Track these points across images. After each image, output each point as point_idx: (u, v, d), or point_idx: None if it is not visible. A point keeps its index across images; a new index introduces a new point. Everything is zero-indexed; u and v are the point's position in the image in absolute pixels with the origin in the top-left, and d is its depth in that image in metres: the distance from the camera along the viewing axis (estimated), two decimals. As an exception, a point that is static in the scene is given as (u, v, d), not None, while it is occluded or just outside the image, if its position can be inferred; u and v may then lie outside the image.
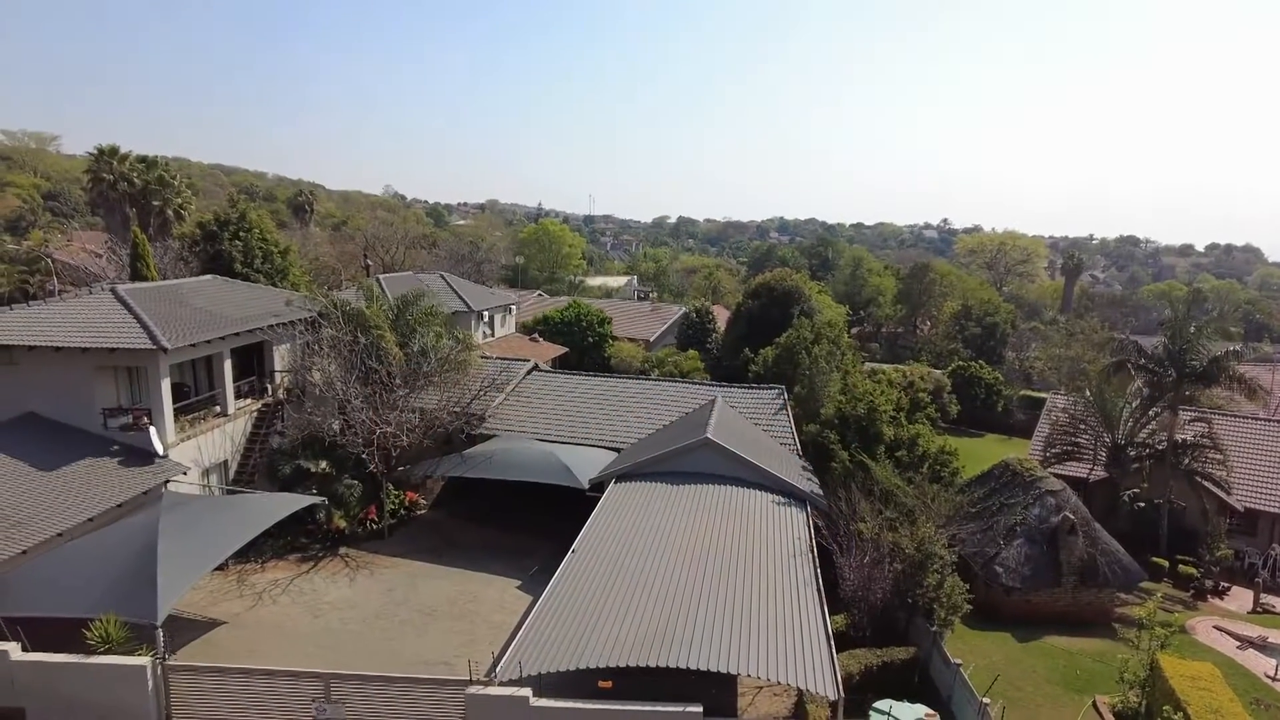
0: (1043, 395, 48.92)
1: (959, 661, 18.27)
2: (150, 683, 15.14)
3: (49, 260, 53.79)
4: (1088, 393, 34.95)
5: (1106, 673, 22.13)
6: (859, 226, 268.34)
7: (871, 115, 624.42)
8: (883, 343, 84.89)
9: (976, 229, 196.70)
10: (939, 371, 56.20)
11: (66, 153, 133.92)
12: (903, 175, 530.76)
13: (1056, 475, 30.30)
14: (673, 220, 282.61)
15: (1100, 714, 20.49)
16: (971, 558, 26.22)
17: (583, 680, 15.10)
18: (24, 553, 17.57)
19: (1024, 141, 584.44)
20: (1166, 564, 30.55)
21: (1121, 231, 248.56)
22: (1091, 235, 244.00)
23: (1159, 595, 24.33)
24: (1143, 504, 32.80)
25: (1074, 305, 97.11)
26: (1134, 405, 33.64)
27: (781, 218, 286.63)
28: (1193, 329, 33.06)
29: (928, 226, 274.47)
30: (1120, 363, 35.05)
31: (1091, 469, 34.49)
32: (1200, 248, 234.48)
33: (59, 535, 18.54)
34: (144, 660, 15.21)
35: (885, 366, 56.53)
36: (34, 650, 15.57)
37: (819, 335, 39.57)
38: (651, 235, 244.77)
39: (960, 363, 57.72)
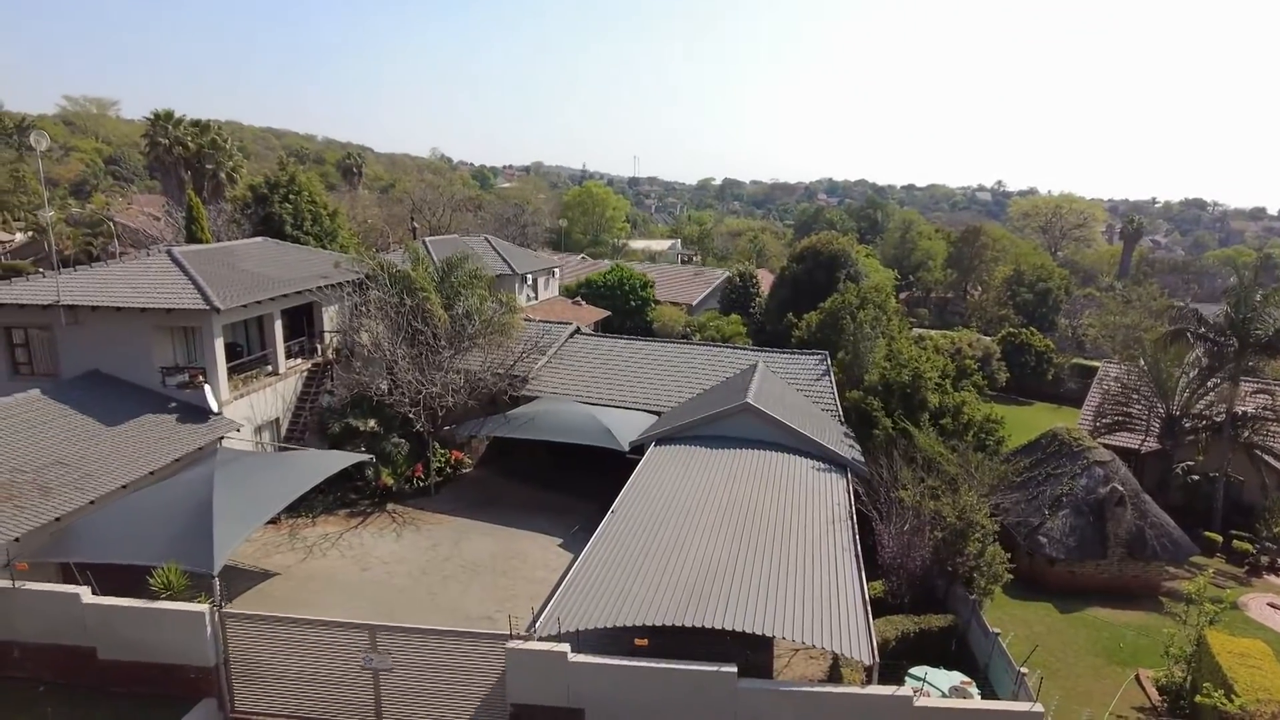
0: (1095, 364, 47.68)
1: (998, 630, 18.15)
2: (209, 629, 15.84)
3: (111, 223, 55.51)
4: (1142, 362, 33.97)
5: (1151, 647, 21.83)
6: (910, 188, 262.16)
7: (924, 71, 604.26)
8: (931, 308, 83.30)
9: (1032, 192, 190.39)
10: (988, 338, 55.07)
11: (125, 117, 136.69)
12: (957, 135, 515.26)
13: (1106, 446, 29.71)
14: (718, 182, 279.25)
15: (1143, 687, 20.27)
16: (1014, 527, 25.91)
17: (619, 638, 15.40)
18: (92, 503, 18.43)
19: (1084, 98, 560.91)
20: (1220, 539, 29.80)
21: (1187, 194, 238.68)
22: (1154, 198, 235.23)
23: (1210, 570, 23.83)
24: (1196, 477, 31.96)
25: (1132, 271, 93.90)
26: (1191, 375, 32.59)
27: (830, 179, 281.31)
28: (1259, 297, 31.73)
29: (981, 189, 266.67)
30: (1179, 331, 33.89)
31: (1143, 440, 33.65)
32: (1273, 211, 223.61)
33: (123, 487, 19.37)
34: (203, 607, 15.90)
35: (933, 333, 55.60)
36: (103, 594, 16.40)
37: (865, 300, 38.98)
38: (696, 198, 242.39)
39: (1010, 329, 56.46)
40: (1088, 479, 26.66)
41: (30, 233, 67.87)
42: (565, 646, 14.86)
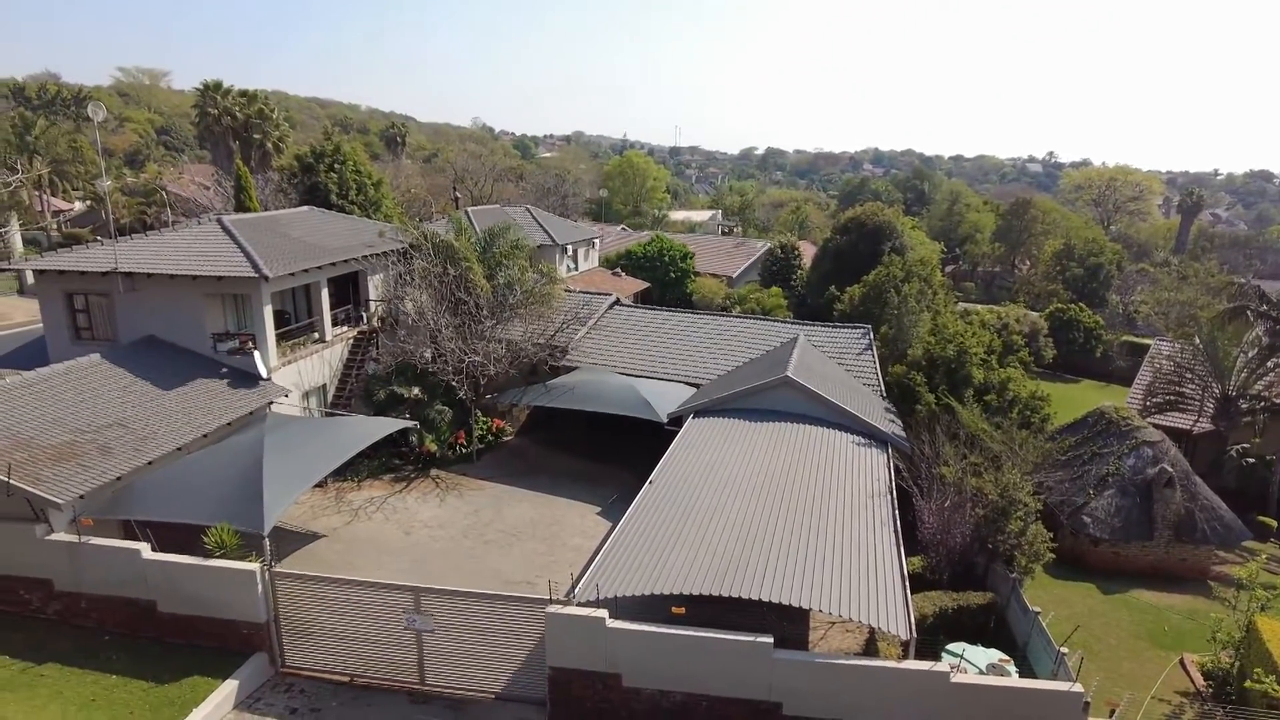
0: (1147, 341, 46.34)
1: (1038, 609, 17.99)
2: (260, 587, 16.41)
3: (163, 192, 56.81)
4: (1197, 340, 32.92)
5: (1197, 631, 21.44)
6: (958, 159, 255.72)
7: (974, 37, 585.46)
8: (978, 282, 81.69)
9: (1085, 163, 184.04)
10: (1036, 314, 53.90)
11: (176, 88, 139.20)
12: (1007, 104, 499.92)
13: (1156, 426, 29.01)
14: (761, 152, 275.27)
15: (1187, 672, 19.94)
16: (1058, 506, 25.52)
17: (656, 606, 15.60)
18: (150, 463, 19.11)
19: (1142, 65, 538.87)
20: (1275, 524, 29.00)
21: (1252, 165, 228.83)
22: (1216, 170, 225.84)
23: (1263, 556, 23.24)
24: (1252, 460, 31.05)
25: (1189, 246, 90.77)
26: (1250, 355, 31.54)
27: (876, 149, 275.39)
28: (1326, 273, 30.46)
29: (1031, 160, 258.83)
30: (1238, 309, 32.76)
31: (1196, 421, 32.74)
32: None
33: (178, 449, 20.04)
34: (254, 566, 16.46)
35: (979, 307, 54.53)
36: (161, 551, 17.07)
37: (910, 273, 38.34)
38: (738, 167, 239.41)
39: (1059, 305, 55.11)
40: (1135, 459, 26.11)
41: (88, 202, 69.87)
42: (603, 612, 15.10)
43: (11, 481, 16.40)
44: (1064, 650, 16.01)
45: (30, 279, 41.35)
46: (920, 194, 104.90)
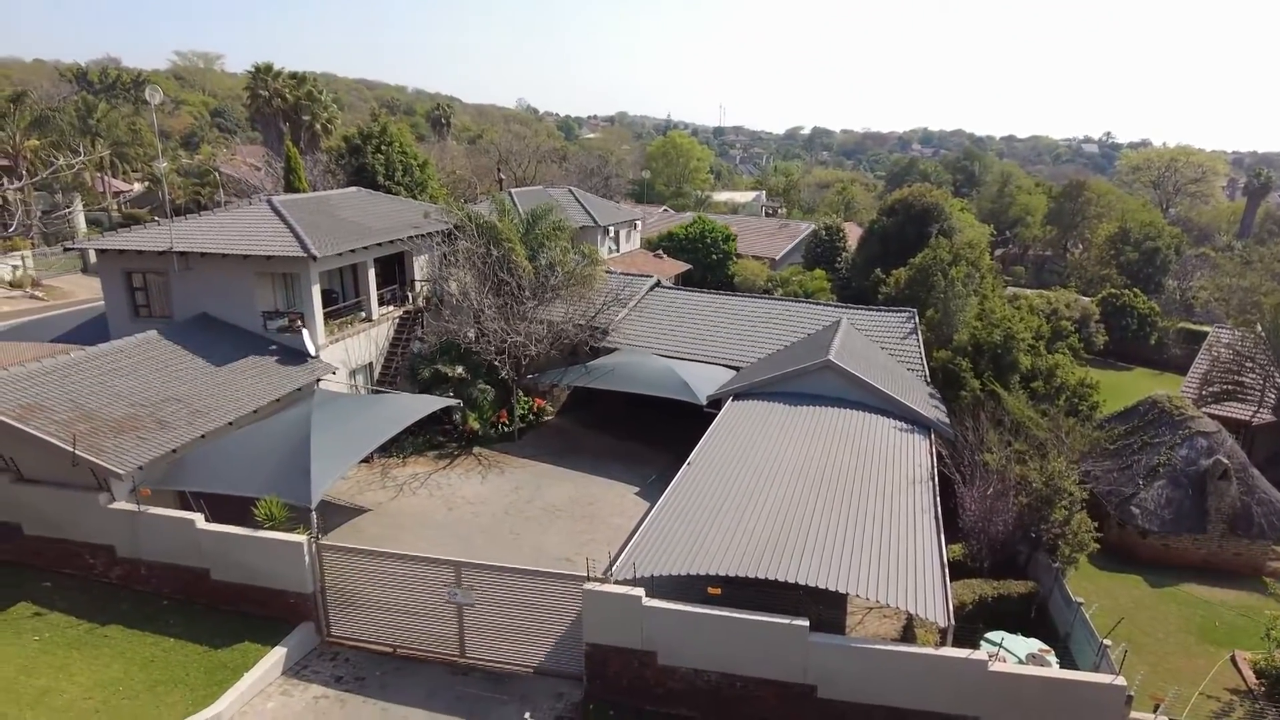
0: (1204, 329, 44.84)
1: (1081, 600, 17.67)
2: (307, 558, 16.92)
3: (217, 173, 58.20)
4: (1259, 327, 31.74)
5: (1251, 628, 20.86)
6: (1010, 139, 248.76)
7: (1027, 12, 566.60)
8: (1028, 266, 79.70)
9: (1144, 144, 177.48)
10: (1087, 299, 52.47)
11: (229, 71, 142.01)
12: (1062, 83, 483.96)
13: (1212, 416, 28.09)
14: (807, 131, 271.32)
15: (1239, 669, 19.43)
16: (1105, 496, 24.98)
17: (692, 586, 15.71)
18: (203, 437, 19.77)
19: (1207, 41, 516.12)
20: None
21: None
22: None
23: (1322, 551, 22.52)
24: (1315, 452, 29.96)
25: (1255, 230, 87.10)
26: (1316, 343, 30.35)
27: (925, 129, 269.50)
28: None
29: (1088, 140, 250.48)
30: (1305, 295, 31.46)
31: (1256, 411, 31.64)
32: None
33: (230, 424, 20.68)
34: (301, 538, 16.95)
35: (1028, 292, 53.32)
36: (214, 521, 17.68)
37: (957, 256, 37.59)
38: (783, 147, 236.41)
39: (1112, 290, 53.53)
40: (1189, 449, 25.37)
41: (146, 183, 71.92)
42: (640, 591, 15.26)
43: (77, 452, 17.13)
44: (1107, 642, 15.74)
45: (93, 258, 42.84)
46: (970, 175, 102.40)
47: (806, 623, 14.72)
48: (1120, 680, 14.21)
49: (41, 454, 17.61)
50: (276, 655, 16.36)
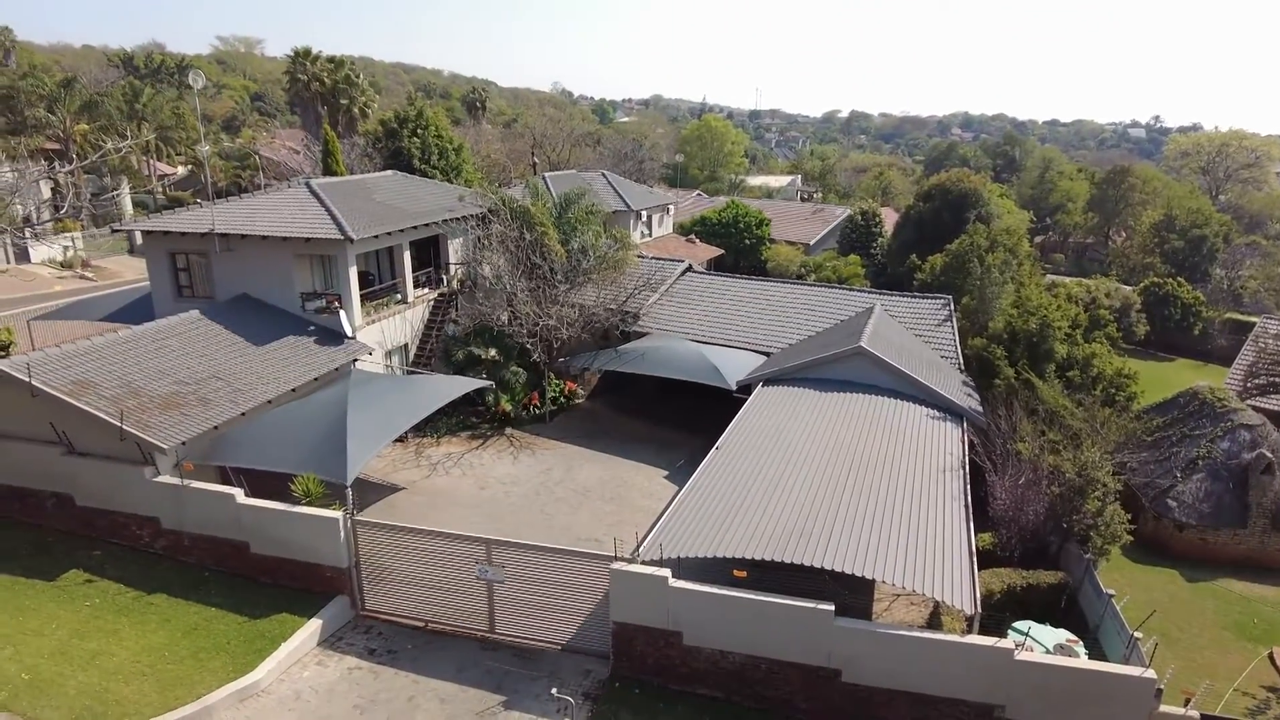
0: (1253, 319, 43.65)
1: (1112, 592, 17.48)
2: (342, 533, 17.35)
3: (257, 156, 59.20)
4: (1310, 318, 30.88)
5: (1290, 624, 20.51)
6: (1053, 124, 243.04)
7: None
8: (1068, 254, 78.18)
9: (1195, 128, 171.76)
10: (1128, 288, 51.37)
11: (269, 55, 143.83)
12: (1108, 65, 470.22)
13: (1256, 409, 27.45)
14: (844, 115, 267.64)
15: (1276, 666, 19.11)
16: (1141, 488, 24.60)
17: (718, 569, 15.85)
18: (243, 414, 20.30)
19: (1263, 16, 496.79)
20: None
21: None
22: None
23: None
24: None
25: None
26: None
27: (965, 113, 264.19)
28: None
29: (1134, 124, 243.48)
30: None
31: (1303, 405, 30.82)
32: None
33: (269, 402, 21.19)
34: (337, 514, 17.38)
35: (1067, 280, 52.40)
36: (253, 496, 18.20)
37: (995, 243, 37.06)
38: (820, 131, 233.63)
39: (1154, 279, 52.30)
40: (1230, 442, 24.86)
41: (190, 166, 73.37)
42: (666, 572, 15.44)
43: (124, 427, 17.74)
44: (1138, 635, 15.59)
45: (138, 239, 43.93)
46: (1010, 160, 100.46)
47: (832, 607, 14.79)
48: (1150, 673, 14.07)
49: (92, 428, 18.26)
50: (313, 627, 16.85)
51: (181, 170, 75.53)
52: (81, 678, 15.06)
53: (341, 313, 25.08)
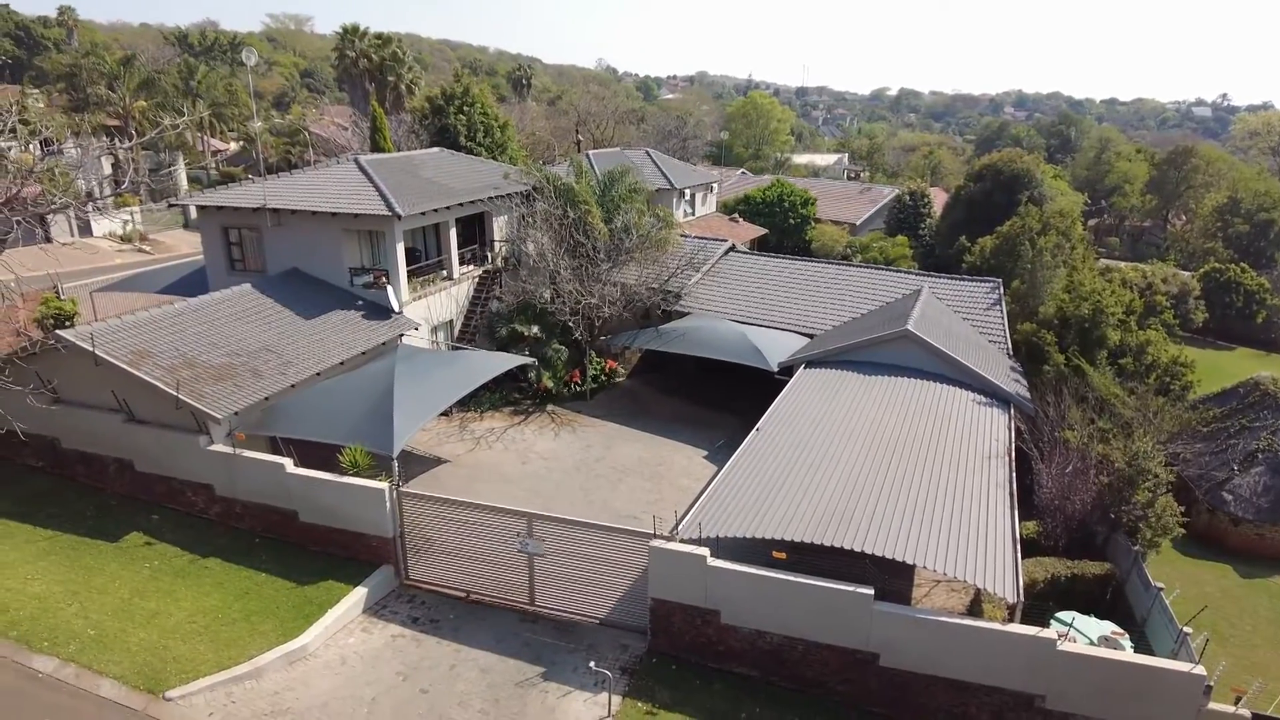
0: (1321, 308, 41.99)
1: (1161, 586, 17.10)
2: (388, 504, 17.74)
3: (306, 132, 60.09)
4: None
5: (1350, 623, 19.86)
6: (1111, 103, 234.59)
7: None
8: (1124, 238, 75.79)
9: (1265, 106, 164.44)
10: (1187, 274, 49.67)
11: (318, 32, 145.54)
12: (1171, 40, 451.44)
13: (1321, 400, 26.45)
14: (893, 92, 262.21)
15: (1332, 664, 18.57)
16: (1194, 480, 23.95)
17: (757, 549, 15.87)
18: (293, 386, 20.79)
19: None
20: None
21: None
22: None
23: None
24: None
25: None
26: None
27: (1019, 91, 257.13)
28: None
29: (1199, 103, 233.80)
30: None
31: (1371, 397, 29.61)
32: None
33: (317, 375, 21.67)
34: (383, 485, 17.78)
35: (1122, 264, 50.92)
36: (302, 466, 18.70)
37: (1047, 225, 36.08)
38: (868, 109, 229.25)
39: (1216, 265, 50.46)
40: (1292, 435, 24.03)
41: (242, 142, 74.85)
42: (705, 550, 15.51)
43: (180, 396, 18.32)
44: (1187, 630, 15.26)
45: (193, 214, 45.04)
46: (1065, 140, 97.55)
47: (871, 591, 14.74)
48: (1199, 669, 13.74)
49: (150, 397, 18.90)
50: (358, 594, 17.31)
51: (234, 146, 77.08)
52: (142, 635, 15.72)
53: (389, 288, 25.45)
